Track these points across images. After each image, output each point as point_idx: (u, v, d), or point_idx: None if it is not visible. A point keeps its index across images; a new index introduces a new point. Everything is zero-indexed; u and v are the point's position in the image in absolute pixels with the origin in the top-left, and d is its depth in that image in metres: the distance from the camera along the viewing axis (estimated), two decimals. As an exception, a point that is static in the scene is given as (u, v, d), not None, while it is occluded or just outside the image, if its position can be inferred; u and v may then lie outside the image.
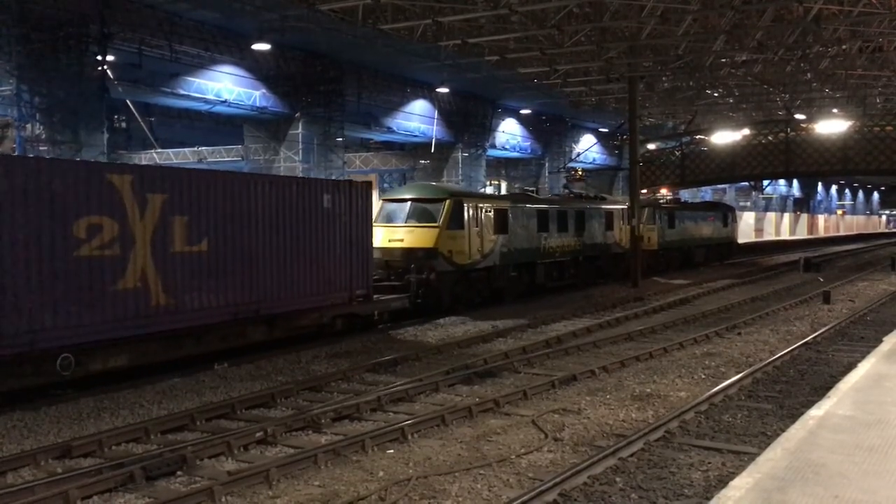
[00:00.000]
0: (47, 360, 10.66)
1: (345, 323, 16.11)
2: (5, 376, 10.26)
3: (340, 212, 15.86)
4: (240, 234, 13.59)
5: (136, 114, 33.75)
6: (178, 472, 7.85)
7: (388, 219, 19.86)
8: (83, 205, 11.14)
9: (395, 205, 20.22)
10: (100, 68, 26.42)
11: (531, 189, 29.30)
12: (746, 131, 38.54)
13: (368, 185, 17.60)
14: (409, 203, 19.95)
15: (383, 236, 18.93)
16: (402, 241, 19.07)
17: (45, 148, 25.71)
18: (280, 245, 14.41)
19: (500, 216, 21.60)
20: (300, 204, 14.91)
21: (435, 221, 19.34)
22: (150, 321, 12.03)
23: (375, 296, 17.14)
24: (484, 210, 20.91)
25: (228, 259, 13.37)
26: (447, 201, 19.71)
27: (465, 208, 20.16)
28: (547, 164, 52.97)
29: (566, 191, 30.09)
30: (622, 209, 29.33)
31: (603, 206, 28.34)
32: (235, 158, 42.58)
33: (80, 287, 11.07)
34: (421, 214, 19.62)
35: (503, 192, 23.92)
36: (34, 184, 10.58)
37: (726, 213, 42.01)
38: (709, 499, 5.76)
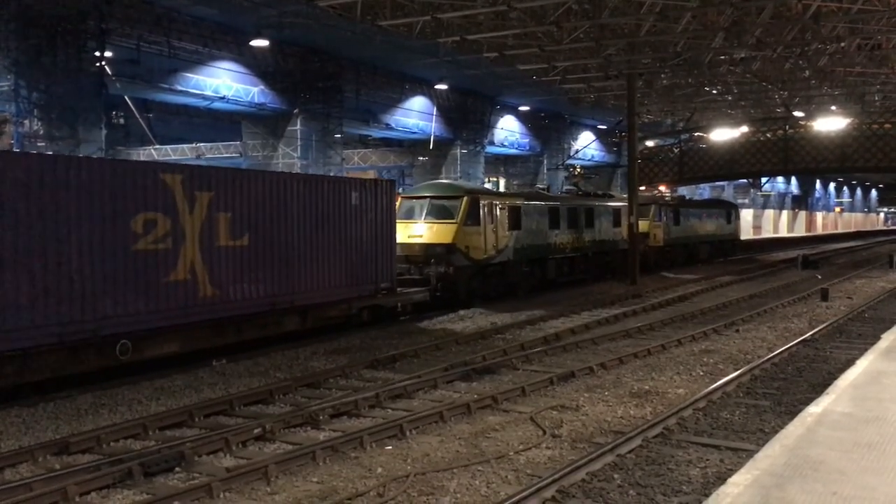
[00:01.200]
0: (108, 346, 11.42)
1: (370, 314, 16.93)
2: (72, 361, 11.04)
3: (367, 209, 16.69)
4: (276, 229, 14.36)
5: (135, 110, 33.69)
6: (177, 469, 7.84)
7: (408, 215, 20.40)
8: (140, 202, 11.92)
9: (414, 202, 20.90)
10: (98, 64, 26.34)
11: (542, 187, 29.71)
12: (745, 128, 38.54)
13: (392, 183, 18.47)
14: (427, 200, 20.65)
15: (403, 232, 19.39)
16: (421, 236, 19.81)
17: (43, 144, 25.65)
18: (312, 240, 15.21)
19: (514, 213, 22.42)
20: (330, 201, 15.75)
21: (453, 218, 20.09)
22: (197, 310, 12.80)
23: (398, 289, 17.91)
24: (498, 207, 21.70)
25: (266, 253, 14.15)
26: (464, 199, 20.48)
27: (481, 205, 20.90)
28: (545, 161, 52.91)
29: (574, 188, 30.75)
30: (629, 206, 29.26)
31: (611, 204, 29.08)
32: (234, 155, 42.48)
33: (137, 278, 11.86)
34: (439, 211, 20.34)
35: (501, 188, 24.14)
36: (98, 183, 11.32)
37: (730, 211, 42.72)
38: (707, 496, 5.77)
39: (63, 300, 10.83)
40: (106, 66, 26.76)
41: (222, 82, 32.40)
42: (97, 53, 26.20)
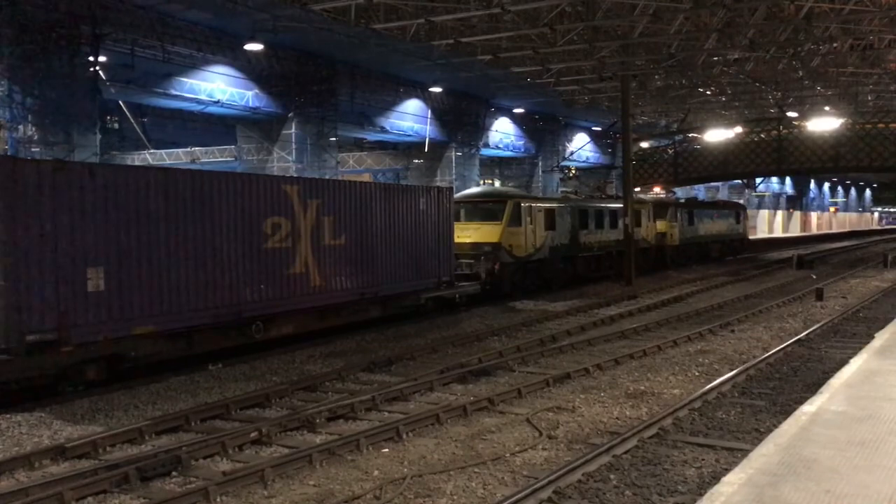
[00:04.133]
0: (247, 326, 13.73)
1: (434, 304, 18.97)
2: (222, 338, 13.39)
3: (431, 212, 18.85)
4: (364, 230, 16.60)
5: (129, 114, 33.66)
6: (173, 473, 7.85)
7: (458, 217, 21.86)
8: (268, 208, 14.18)
9: (463, 205, 22.83)
10: (92, 69, 26.32)
11: (570, 190, 32.48)
12: (739, 129, 38.70)
13: (451, 189, 20.74)
14: (475, 204, 23.10)
15: (455, 232, 20.99)
16: (470, 236, 21.79)
17: (38, 149, 25.62)
18: (390, 239, 17.39)
19: (549, 215, 24.67)
20: (403, 206, 17.95)
21: (498, 220, 22.32)
22: (309, 298, 15.09)
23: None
24: (536, 209, 23.92)
25: (357, 250, 16.38)
26: (509, 202, 22.83)
27: (523, 208, 23.19)
28: (540, 163, 52.96)
29: (598, 192, 32.91)
30: (650, 208, 32.64)
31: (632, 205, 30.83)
32: (228, 159, 42.46)
33: (267, 271, 14.08)
34: (486, 213, 22.63)
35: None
36: (240, 194, 13.65)
37: (739, 212, 44.39)
38: (702, 495, 5.79)
39: (217, 289, 13.11)
40: (100, 71, 26.74)
41: (217, 86, 32.39)
42: (91, 58, 26.17)
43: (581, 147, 50.91)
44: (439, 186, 20.62)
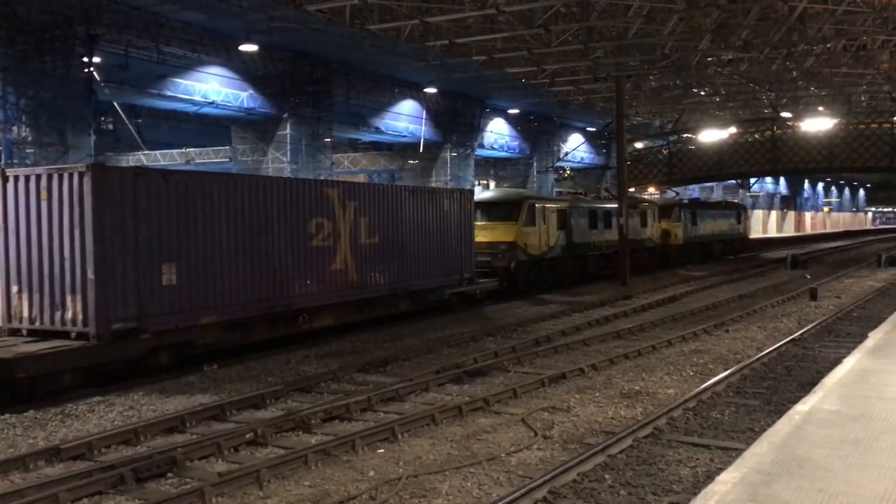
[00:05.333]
0: (294, 318, 15.01)
1: (456, 299, 20.23)
2: (273, 328, 14.65)
3: (454, 213, 20.07)
4: (395, 230, 17.83)
5: (123, 115, 33.55)
6: (169, 474, 7.85)
7: (476, 218, 22.54)
8: (313, 210, 15.41)
9: (481, 206, 23.51)
10: (86, 70, 26.25)
11: (581, 192, 33.46)
12: (733, 129, 38.76)
13: (471, 191, 22.27)
14: (493, 205, 24.04)
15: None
16: (487, 236, 22.70)
17: (32, 150, 25.55)
18: (418, 238, 18.62)
19: (562, 215, 25.84)
20: (429, 207, 19.17)
21: (514, 220, 23.37)
22: (348, 293, 16.33)
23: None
24: (549, 210, 25.01)
25: (389, 248, 17.57)
26: (524, 203, 23.93)
27: (537, 209, 24.28)
28: (535, 164, 52.99)
29: (606, 193, 33.91)
30: (656, 208, 33.87)
31: (639, 206, 32.41)
32: (223, 160, 42.37)
33: (312, 267, 15.35)
34: (502, 214, 23.62)
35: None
36: (288, 196, 14.87)
37: (740, 212, 46.07)
38: (697, 494, 5.82)
39: (270, 284, 14.34)
40: (94, 72, 26.67)
41: (211, 87, 32.34)
42: (85, 59, 26.10)
43: (576, 148, 50.96)
44: (461, 189, 22.34)
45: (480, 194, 25.13)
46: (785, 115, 39.99)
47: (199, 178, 13.55)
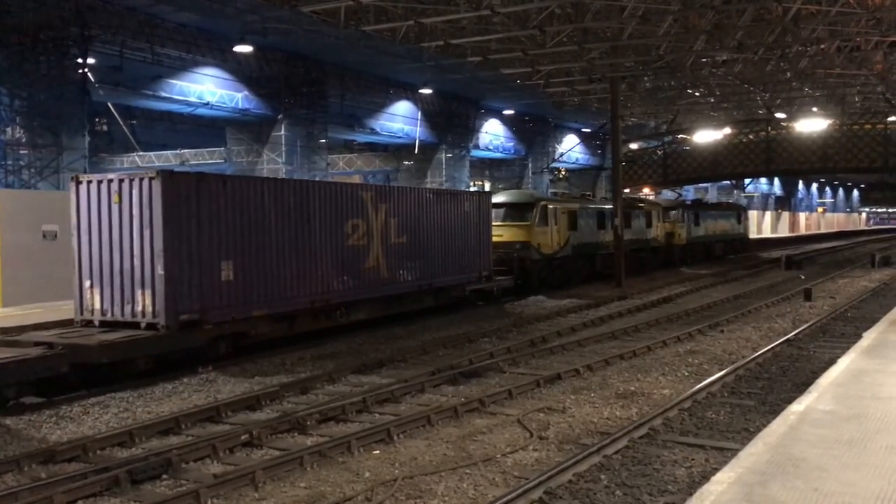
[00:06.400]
0: (333, 312, 16.06)
1: (476, 295, 21.30)
2: (314, 321, 15.70)
3: (473, 214, 21.08)
4: (420, 230, 18.83)
5: (118, 117, 33.51)
6: (164, 476, 7.82)
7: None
8: (349, 212, 16.42)
9: (496, 208, 24.18)
10: (81, 71, 26.21)
11: (588, 193, 34.78)
12: (727, 130, 38.88)
13: (490, 194, 23.59)
14: (505, 206, 24.81)
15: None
16: (502, 236, 23.49)
17: (26, 152, 25.50)
18: (441, 238, 19.61)
19: (572, 216, 26.82)
20: (451, 209, 20.19)
21: (528, 221, 24.40)
22: (379, 289, 17.36)
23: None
24: (560, 211, 25.96)
25: (415, 247, 18.55)
26: (537, 205, 24.88)
27: (549, 210, 25.18)
28: (530, 165, 53.07)
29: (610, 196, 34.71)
30: (660, 210, 34.90)
31: (644, 208, 33.62)
32: (218, 161, 42.34)
33: (349, 265, 16.37)
34: (517, 215, 24.59)
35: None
36: (328, 199, 15.94)
37: (740, 213, 47.15)
38: (692, 494, 5.83)
39: (312, 280, 15.37)
40: (89, 73, 26.63)
41: (206, 88, 32.33)
42: (80, 60, 26.07)
43: (571, 148, 51.05)
44: (480, 192, 24.07)
45: (496, 196, 25.91)
46: (779, 115, 40.11)
47: (252, 183, 14.79)
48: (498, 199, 25.45)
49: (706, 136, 38.62)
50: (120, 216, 12.82)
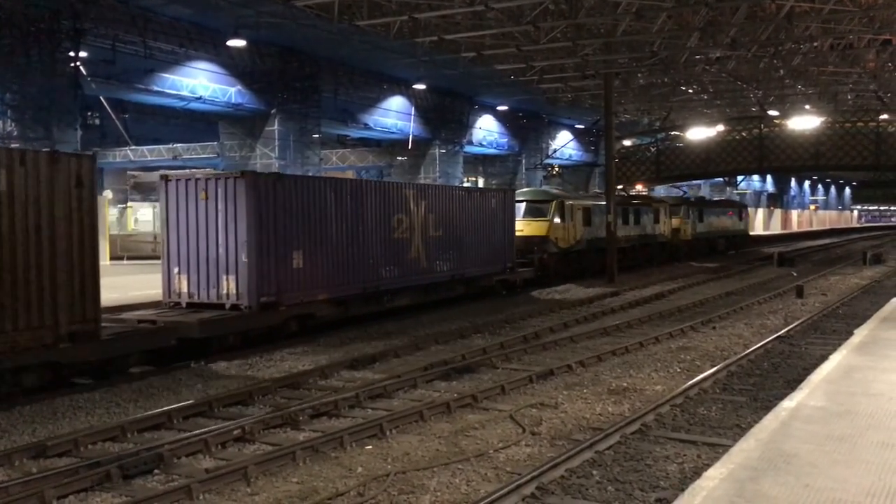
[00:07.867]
0: (381, 297, 17.88)
1: (501, 286, 22.95)
2: (365, 305, 17.42)
3: (498, 210, 22.77)
4: (454, 224, 20.56)
5: (110, 111, 33.31)
6: (156, 471, 7.80)
7: None
8: (394, 208, 18.23)
9: (516, 205, 25.08)
10: (72, 64, 26.03)
11: (599, 192, 35.49)
12: (720, 127, 38.91)
13: (514, 192, 25.28)
14: (526, 203, 26.25)
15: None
16: (522, 230, 24.88)
17: (17, 145, 25.29)
18: (471, 232, 21.29)
19: (587, 212, 28.41)
20: (480, 205, 21.94)
21: (546, 216, 26.03)
22: (419, 277, 19.19)
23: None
24: (576, 207, 27.51)
25: (449, 240, 20.33)
26: (555, 202, 26.47)
27: (566, 206, 26.77)
28: (524, 161, 53.03)
29: (623, 192, 36.06)
30: (667, 207, 36.50)
31: (652, 204, 35.36)
32: (211, 155, 42.17)
33: (394, 255, 18.13)
34: (536, 211, 26.21)
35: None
36: (377, 196, 17.74)
37: (741, 210, 49.76)
38: (684, 490, 5.84)
39: (364, 268, 17.10)
40: (81, 67, 26.45)
41: (199, 82, 32.17)
42: (72, 53, 25.88)
43: (564, 145, 51.07)
44: (505, 189, 25.99)
45: (518, 194, 26.91)
46: (772, 113, 40.21)
47: (317, 182, 16.93)
48: (519, 196, 26.59)
49: (699, 133, 38.66)
50: (206, 211, 14.45)
